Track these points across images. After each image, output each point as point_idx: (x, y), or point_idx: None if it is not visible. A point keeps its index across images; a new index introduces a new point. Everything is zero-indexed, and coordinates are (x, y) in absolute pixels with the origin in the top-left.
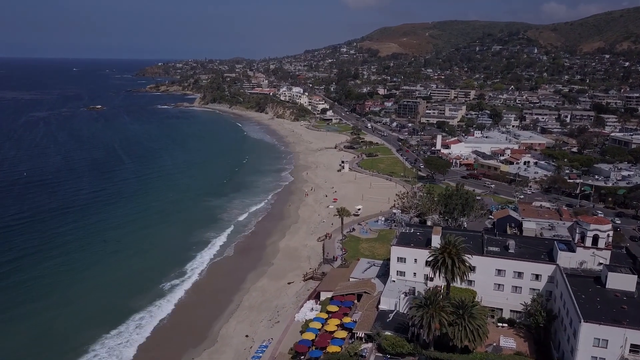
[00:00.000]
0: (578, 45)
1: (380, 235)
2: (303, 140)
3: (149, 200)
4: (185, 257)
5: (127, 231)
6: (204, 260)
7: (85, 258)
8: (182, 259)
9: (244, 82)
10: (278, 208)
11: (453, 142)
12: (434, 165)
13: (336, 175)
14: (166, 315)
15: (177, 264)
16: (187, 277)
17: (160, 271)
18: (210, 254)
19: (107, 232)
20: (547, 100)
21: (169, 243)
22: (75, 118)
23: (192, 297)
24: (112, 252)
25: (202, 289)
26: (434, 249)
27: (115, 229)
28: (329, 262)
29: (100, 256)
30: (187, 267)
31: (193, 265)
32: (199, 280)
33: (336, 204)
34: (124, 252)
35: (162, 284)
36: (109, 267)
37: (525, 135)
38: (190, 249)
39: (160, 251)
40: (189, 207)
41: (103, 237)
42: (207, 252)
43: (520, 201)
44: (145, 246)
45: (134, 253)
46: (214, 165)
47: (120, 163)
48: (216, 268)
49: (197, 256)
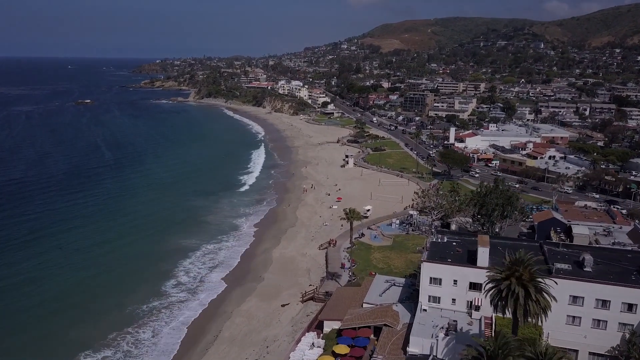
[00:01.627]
0: (586, 40)
1: (395, 242)
2: (302, 134)
3: (127, 201)
4: (157, 271)
5: (97, 243)
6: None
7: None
8: (154, 273)
9: (241, 76)
10: (272, 209)
11: (468, 135)
12: (452, 160)
13: (339, 171)
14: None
15: (149, 280)
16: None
17: (129, 292)
18: (188, 266)
19: (69, 241)
20: (562, 93)
21: (140, 255)
22: (61, 113)
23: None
24: (79, 268)
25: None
26: (495, 271)
27: (80, 239)
28: (333, 278)
29: (57, 271)
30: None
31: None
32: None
33: (340, 203)
34: (89, 270)
35: (134, 307)
36: (73, 288)
37: (545, 129)
38: (166, 260)
39: (130, 267)
40: (169, 209)
41: (59, 243)
42: (184, 263)
43: (560, 201)
44: (113, 261)
45: (102, 271)
46: (200, 162)
47: (101, 158)
48: None
49: (172, 270)
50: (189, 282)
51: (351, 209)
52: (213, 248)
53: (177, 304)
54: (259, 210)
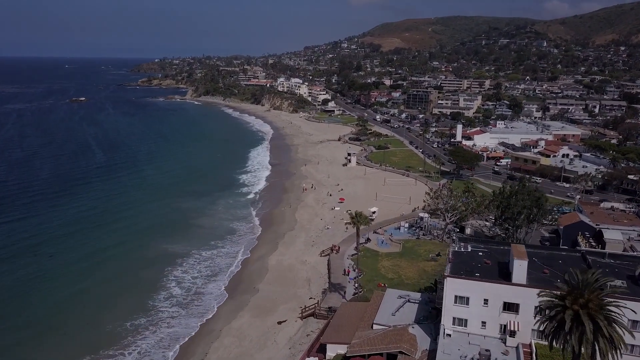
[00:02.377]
0: (590, 38)
1: (405, 249)
2: (302, 132)
3: (115, 204)
4: (145, 282)
5: (80, 253)
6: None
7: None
8: (142, 285)
9: (240, 74)
10: (270, 210)
11: (476, 132)
12: (462, 158)
13: (341, 170)
14: None
15: (137, 293)
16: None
17: (115, 308)
18: (176, 275)
19: (49, 251)
20: (569, 90)
21: (128, 263)
22: (54, 110)
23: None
24: (59, 282)
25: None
26: (551, 296)
27: (62, 249)
28: (337, 290)
29: (34, 286)
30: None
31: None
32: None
33: (343, 205)
34: (70, 284)
35: (119, 323)
36: (51, 306)
37: (556, 126)
38: (155, 269)
39: (117, 278)
40: (160, 212)
41: (35, 251)
42: (175, 273)
43: (583, 202)
44: (98, 273)
45: (86, 285)
46: (195, 161)
47: (91, 159)
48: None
49: (159, 281)
50: (181, 295)
51: (358, 213)
52: (207, 255)
53: (157, 326)
54: (255, 213)
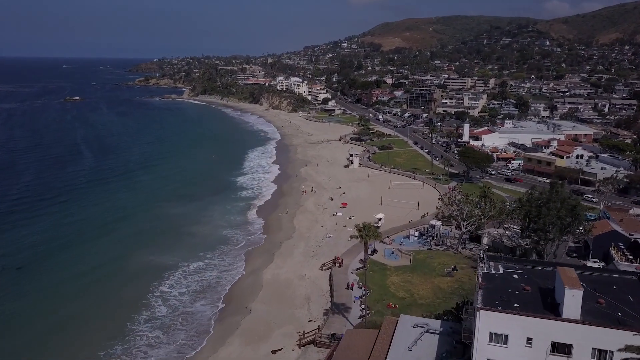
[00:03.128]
0: (593, 37)
1: (416, 261)
2: (302, 131)
3: (98, 209)
4: (125, 297)
5: (51, 264)
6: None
7: None
8: (121, 301)
9: (238, 73)
10: (266, 216)
11: (484, 132)
12: (472, 160)
13: (343, 172)
14: None
15: (114, 316)
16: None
17: (90, 332)
18: (163, 290)
19: (17, 263)
20: (577, 88)
21: (108, 279)
22: (46, 110)
23: None
24: (26, 302)
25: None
26: None
27: (34, 260)
28: (341, 311)
29: None
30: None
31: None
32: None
33: (346, 210)
34: (38, 303)
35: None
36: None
37: (567, 126)
38: (137, 282)
39: (95, 298)
40: (148, 217)
41: (2, 266)
42: (161, 288)
43: (610, 208)
44: (72, 290)
45: (56, 305)
46: (188, 162)
47: (79, 160)
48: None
49: (143, 298)
50: (164, 316)
51: (366, 225)
52: (196, 267)
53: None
54: (251, 219)
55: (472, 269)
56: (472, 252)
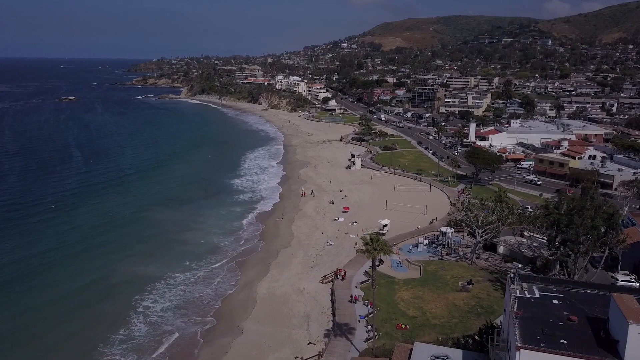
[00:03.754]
0: (597, 37)
1: (427, 273)
2: (301, 131)
3: (80, 210)
4: (103, 313)
5: (29, 284)
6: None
7: None
8: (99, 317)
9: (237, 72)
10: (262, 222)
11: (491, 132)
12: (482, 161)
13: (344, 173)
14: None
15: (88, 335)
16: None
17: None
18: (145, 305)
19: None
20: (583, 87)
21: (87, 292)
22: (40, 110)
23: None
24: None
25: None
26: None
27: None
28: (344, 333)
29: None
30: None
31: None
32: None
33: (348, 215)
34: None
35: None
36: None
37: (576, 125)
38: (118, 296)
39: (72, 310)
40: (133, 222)
41: None
42: (140, 301)
43: (635, 213)
44: (56, 304)
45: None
46: (182, 163)
47: (69, 162)
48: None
49: (123, 314)
50: (142, 336)
51: (374, 237)
52: (183, 279)
53: None
54: (245, 225)
55: (490, 282)
56: (487, 263)
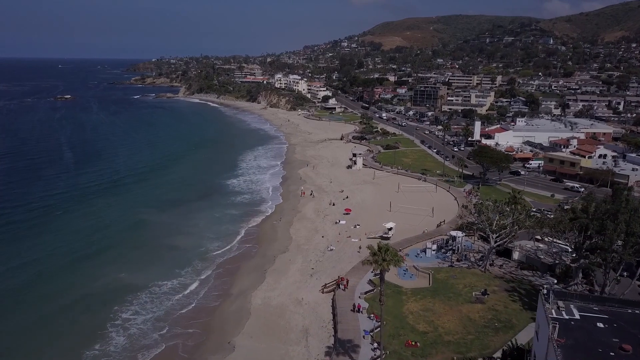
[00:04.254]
0: (599, 35)
1: (437, 282)
2: (300, 130)
3: (62, 213)
4: (79, 326)
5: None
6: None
7: None
8: (74, 331)
9: (236, 71)
10: (259, 224)
11: (496, 130)
12: (489, 160)
13: (345, 173)
14: None
15: (58, 353)
16: None
17: None
18: (125, 318)
19: None
20: (588, 86)
21: (65, 301)
22: (35, 109)
23: None
24: None
25: None
26: None
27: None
28: (347, 352)
29: None
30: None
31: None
32: None
33: (350, 217)
34: None
35: None
36: None
37: (584, 124)
38: (98, 307)
39: (46, 323)
40: (120, 224)
41: None
42: (120, 313)
43: None
44: (29, 314)
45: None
46: (176, 163)
47: (60, 164)
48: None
49: (100, 327)
50: (117, 354)
51: (383, 246)
52: (170, 288)
53: None
54: (240, 228)
55: (506, 292)
56: (502, 271)
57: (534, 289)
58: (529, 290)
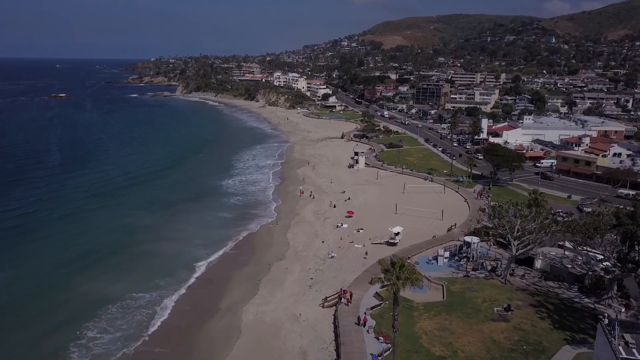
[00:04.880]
0: (602, 34)
1: (452, 295)
2: (299, 128)
3: (43, 215)
4: (39, 348)
5: None
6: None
7: None
8: (33, 355)
9: (234, 70)
10: (252, 228)
11: (504, 128)
12: (501, 158)
13: (347, 172)
14: None
15: None
16: None
17: None
18: (91, 336)
19: None
20: (595, 83)
21: (28, 319)
22: (27, 107)
23: None
24: None
25: None
26: None
27: None
28: None
29: None
30: None
31: None
32: None
33: (353, 220)
34: None
35: None
36: None
37: (594, 121)
38: (64, 324)
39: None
40: (100, 228)
41: None
42: (86, 331)
43: None
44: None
45: None
46: (168, 162)
47: (43, 166)
48: None
49: (63, 348)
50: None
51: (397, 262)
52: (147, 301)
53: None
54: (232, 232)
55: (532, 308)
56: (525, 282)
57: (563, 304)
58: (557, 305)
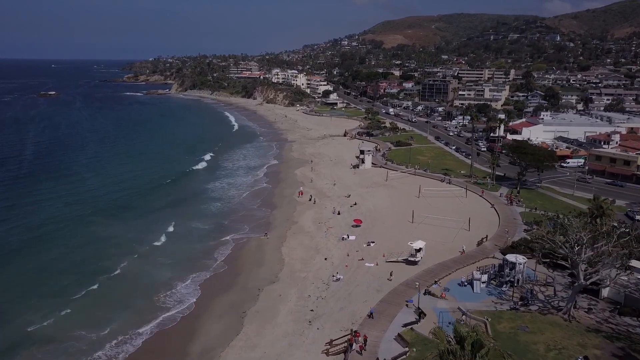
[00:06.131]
0: (607, 32)
1: (500, 337)
2: (299, 126)
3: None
4: None
5: None
6: None
7: None
8: None
9: (231, 67)
10: (238, 241)
11: (523, 124)
12: (532, 157)
13: (351, 173)
14: None
15: None
16: None
17: None
18: None
19: None
20: (609, 79)
21: None
22: (13, 105)
23: None
24: None
25: None
26: None
27: None
28: None
29: None
30: None
31: None
32: None
33: (361, 231)
34: None
35: None
36: None
37: (619, 118)
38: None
39: None
40: (64, 241)
41: None
42: None
43: None
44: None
45: None
46: (157, 164)
47: (15, 167)
48: None
49: None
50: None
51: (468, 335)
52: (76, 350)
53: None
54: (214, 246)
55: (615, 358)
56: (594, 318)
57: None
58: None
